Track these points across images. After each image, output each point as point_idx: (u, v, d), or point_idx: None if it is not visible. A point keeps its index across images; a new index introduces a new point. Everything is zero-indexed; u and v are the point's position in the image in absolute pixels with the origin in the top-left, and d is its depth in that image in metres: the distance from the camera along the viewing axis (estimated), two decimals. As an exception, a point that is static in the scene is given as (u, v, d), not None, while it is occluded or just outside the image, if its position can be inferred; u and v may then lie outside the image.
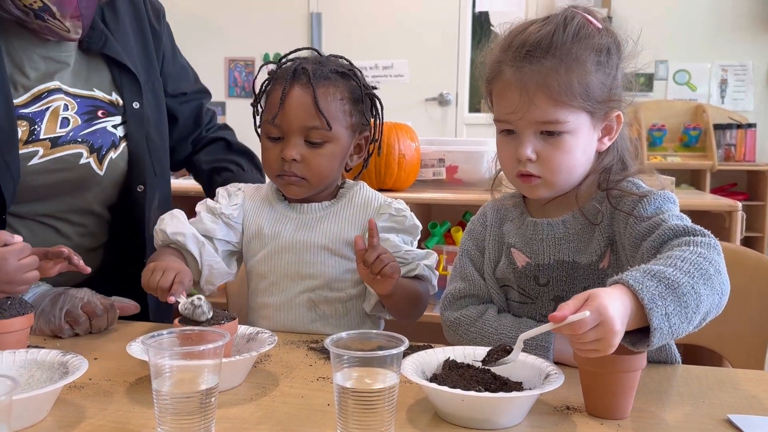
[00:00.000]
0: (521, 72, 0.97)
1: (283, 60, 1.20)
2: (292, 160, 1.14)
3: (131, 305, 1.24)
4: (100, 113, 1.32)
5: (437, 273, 1.22)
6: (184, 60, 1.55)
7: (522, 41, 0.98)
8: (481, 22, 5.18)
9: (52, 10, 1.18)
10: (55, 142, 1.25)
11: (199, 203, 1.23)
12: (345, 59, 1.22)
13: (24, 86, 1.24)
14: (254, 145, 1.45)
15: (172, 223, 1.18)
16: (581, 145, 1.00)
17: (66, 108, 1.28)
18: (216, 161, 1.51)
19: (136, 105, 1.35)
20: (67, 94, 1.29)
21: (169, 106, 1.47)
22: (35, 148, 1.23)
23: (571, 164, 1.00)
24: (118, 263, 1.39)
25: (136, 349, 0.93)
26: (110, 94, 1.34)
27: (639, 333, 0.81)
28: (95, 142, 1.29)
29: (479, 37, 5.09)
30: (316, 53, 1.21)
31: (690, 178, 4.32)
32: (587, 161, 1.03)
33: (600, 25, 1.01)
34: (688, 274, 0.82)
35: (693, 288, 0.81)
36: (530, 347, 0.97)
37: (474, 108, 4.79)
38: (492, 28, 5.11)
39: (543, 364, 0.89)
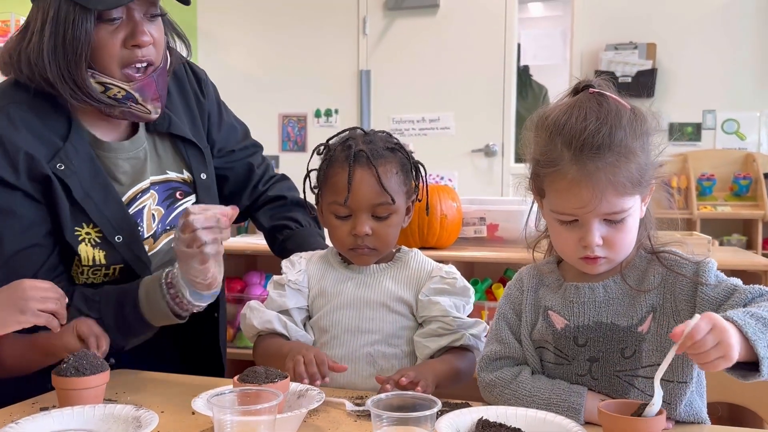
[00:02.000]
0: (588, 169, 1.02)
1: (332, 141, 1.32)
2: (364, 235, 1.26)
3: None
4: (177, 194, 1.42)
5: (484, 340, 1.28)
6: (231, 118, 1.61)
7: (582, 140, 1.02)
8: (524, 76, 5.30)
9: (134, 97, 1.27)
10: (155, 236, 1.39)
11: (268, 284, 1.37)
12: (387, 133, 1.34)
13: (120, 192, 1.35)
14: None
15: (255, 315, 1.30)
16: (636, 222, 1.07)
17: (152, 203, 1.39)
18: (275, 219, 1.60)
19: (203, 176, 1.45)
20: (152, 185, 1.39)
21: (218, 165, 1.55)
22: (144, 244, 1.37)
23: (631, 241, 1.08)
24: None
25: (200, 404, 1.03)
26: (182, 172, 1.44)
27: (745, 368, 0.91)
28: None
29: (524, 89, 5.21)
30: (362, 131, 1.33)
31: (741, 228, 4.27)
32: (637, 233, 1.10)
33: (628, 105, 1.08)
34: None
35: None
36: (562, 409, 1.03)
37: (520, 159, 4.87)
38: (531, 76, 5.19)
39: (569, 424, 0.95)
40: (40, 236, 1.27)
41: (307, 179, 1.35)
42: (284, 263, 1.37)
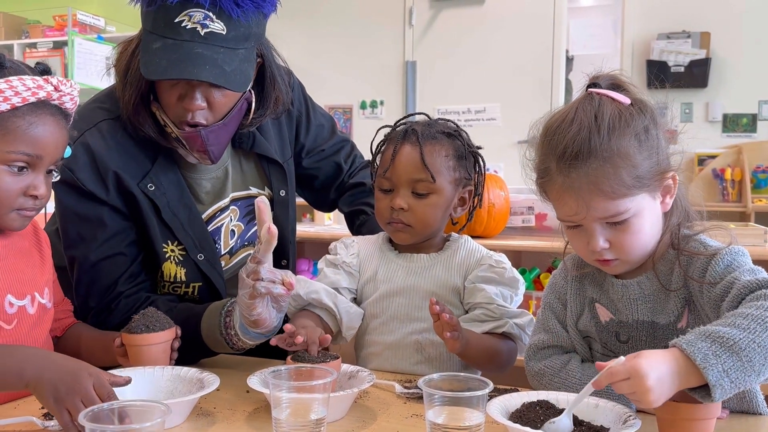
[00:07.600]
0: (570, 179, 0.99)
1: (398, 122, 1.34)
2: (400, 209, 1.26)
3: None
4: None
5: (529, 333, 1.25)
6: (319, 116, 1.62)
7: (563, 149, 0.99)
8: (573, 65, 5.22)
9: (183, 143, 1.30)
10: (231, 252, 1.44)
11: (320, 261, 1.37)
12: (452, 122, 1.34)
13: (201, 211, 1.39)
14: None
15: (302, 286, 1.29)
16: (647, 220, 1.02)
17: (231, 219, 1.44)
18: (353, 204, 1.63)
19: (282, 193, 1.48)
20: (232, 201, 1.43)
21: (307, 165, 1.60)
22: (221, 262, 1.42)
23: (643, 241, 1.04)
24: None
25: (255, 381, 1.06)
26: (263, 189, 1.48)
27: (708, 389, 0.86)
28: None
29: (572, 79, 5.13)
30: (426, 116, 1.35)
31: (799, 222, 4.14)
32: (657, 229, 1.05)
33: (627, 100, 1.02)
34: (747, 330, 0.86)
35: (754, 341, 0.86)
36: (613, 397, 1.00)
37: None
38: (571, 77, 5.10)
39: (623, 410, 0.95)
40: (123, 245, 1.33)
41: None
42: (338, 245, 1.38)
